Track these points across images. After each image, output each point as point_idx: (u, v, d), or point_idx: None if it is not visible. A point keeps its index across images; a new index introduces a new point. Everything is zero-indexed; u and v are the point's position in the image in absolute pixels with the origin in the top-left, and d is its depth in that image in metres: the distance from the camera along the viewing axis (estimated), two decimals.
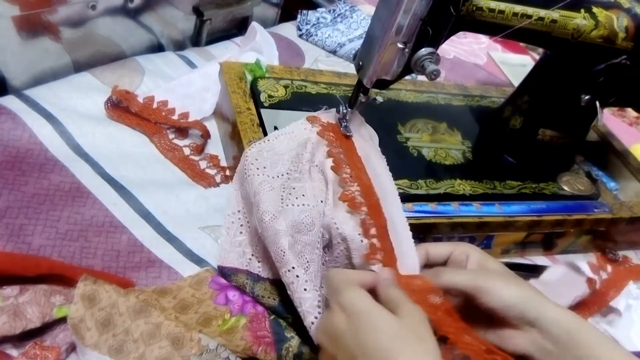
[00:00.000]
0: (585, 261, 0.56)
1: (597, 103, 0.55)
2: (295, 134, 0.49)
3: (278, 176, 0.46)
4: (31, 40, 0.57)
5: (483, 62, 0.94)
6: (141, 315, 0.39)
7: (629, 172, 0.66)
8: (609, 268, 0.57)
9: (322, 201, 0.45)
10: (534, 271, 0.56)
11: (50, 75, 0.60)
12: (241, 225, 0.48)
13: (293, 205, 0.44)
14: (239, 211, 0.48)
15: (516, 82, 0.78)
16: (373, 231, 0.45)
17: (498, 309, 0.36)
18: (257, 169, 0.46)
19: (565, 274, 0.54)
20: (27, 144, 0.51)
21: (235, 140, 0.53)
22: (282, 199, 0.44)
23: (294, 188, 0.45)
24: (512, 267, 0.56)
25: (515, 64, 0.95)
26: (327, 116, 0.54)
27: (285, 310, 0.44)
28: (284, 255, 0.41)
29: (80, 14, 0.59)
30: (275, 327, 0.43)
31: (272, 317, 0.44)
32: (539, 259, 0.59)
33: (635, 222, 0.59)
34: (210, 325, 0.41)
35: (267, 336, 0.42)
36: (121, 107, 0.57)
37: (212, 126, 0.60)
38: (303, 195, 0.45)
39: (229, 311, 0.42)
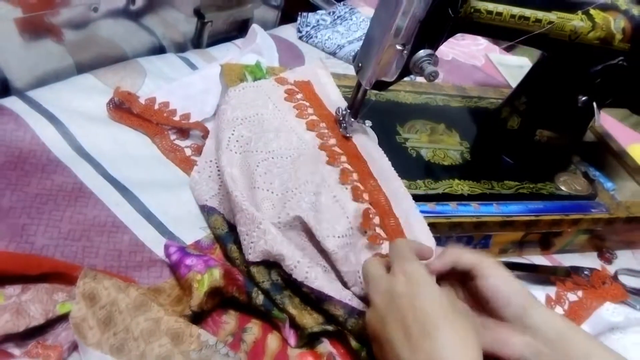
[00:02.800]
0: (543, 293, 0.51)
1: (594, 104, 0.56)
2: (263, 88, 0.55)
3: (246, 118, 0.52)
4: (34, 42, 0.57)
5: (481, 64, 0.94)
6: (140, 311, 0.39)
7: (625, 172, 0.66)
8: (567, 303, 0.51)
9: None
10: (532, 271, 0.57)
11: (52, 76, 0.61)
12: (212, 169, 0.52)
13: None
14: (211, 161, 0.53)
15: (514, 84, 0.79)
16: (376, 220, 0.46)
17: (489, 295, 0.38)
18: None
19: None
20: (30, 144, 0.51)
21: None
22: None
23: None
24: (510, 266, 0.56)
25: (513, 66, 0.96)
26: (293, 75, 0.57)
27: None
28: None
29: (82, 16, 0.60)
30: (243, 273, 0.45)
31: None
32: (536, 259, 0.60)
33: (632, 222, 0.59)
34: (192, 296, 0.42)
35: (239, 279, 0.44)
36: (123, 108, 0.58)
37: None
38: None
39: (197, 273, 0.42)
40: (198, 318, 0.42)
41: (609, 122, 0.83)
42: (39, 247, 0.44)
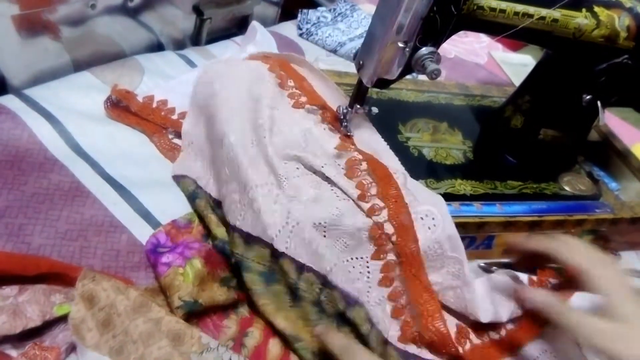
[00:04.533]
0: (526, 275, 0.50)
1: (599, 103, 0.55)
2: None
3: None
4: (31, 40, 0.57)
5: (484, 62, 0.93)
6: (140, 313, 0.39)
7: (630, 172, 0.65)
8: (549, 284, 0.50)
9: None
10: (534, 272, 0.56)
11: (49, 74, 0.60)
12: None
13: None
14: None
15: (517, 82, 0.78)
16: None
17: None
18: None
19: (498, 286, 0.49)
20: (27, 143, 0.51)
21: None
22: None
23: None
24: (513, 268, 0.56)
25: (517, 64, 0.95)
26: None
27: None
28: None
29: (80, 13, 0.59)
30: (219, 247, 0.45)
31: (215, 241, 0.46)
32: None
33: (637, 223, 0.59)
34: (179, 289, 0.41)
35: (220, 261, 0.45)
36: (121, 106, 0.57)
37: None
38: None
39: (178, 267, 0.42)
40: (194, 319, 0.42)
41: (613, 121, 0.82)
42: (35, 247, 0.44)
